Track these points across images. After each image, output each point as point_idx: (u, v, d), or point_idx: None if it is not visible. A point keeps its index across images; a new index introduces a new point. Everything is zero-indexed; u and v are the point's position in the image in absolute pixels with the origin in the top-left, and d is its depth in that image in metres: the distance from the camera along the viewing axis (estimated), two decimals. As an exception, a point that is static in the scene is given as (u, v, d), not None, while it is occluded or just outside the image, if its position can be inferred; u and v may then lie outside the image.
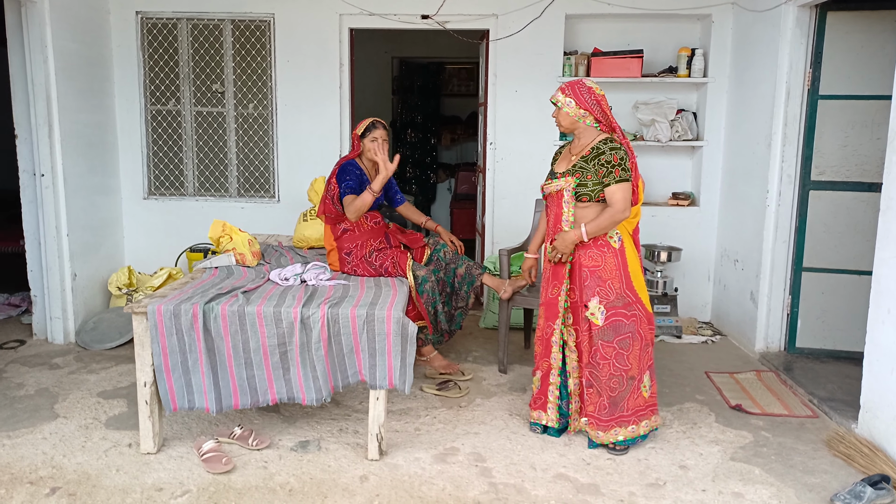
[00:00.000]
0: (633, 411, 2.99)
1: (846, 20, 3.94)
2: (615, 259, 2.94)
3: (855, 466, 2.94)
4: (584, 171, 2.92)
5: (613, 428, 2.97)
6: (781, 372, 3.99)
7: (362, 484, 2.78)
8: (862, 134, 4.02)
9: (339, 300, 3.04)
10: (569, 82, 2.99)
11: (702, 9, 4.79)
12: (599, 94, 2.95)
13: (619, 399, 2.96)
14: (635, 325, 2.95)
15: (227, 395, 2.93)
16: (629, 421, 2.98)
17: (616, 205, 2.88)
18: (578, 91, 2.94)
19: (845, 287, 4.11)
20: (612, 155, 2.88)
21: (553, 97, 3.01)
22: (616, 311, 2.92)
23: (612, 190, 2.89)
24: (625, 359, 2.94)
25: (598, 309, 2.92)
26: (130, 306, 2.90)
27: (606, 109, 2.96)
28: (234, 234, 3.75)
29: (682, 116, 4.99)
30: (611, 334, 2.93)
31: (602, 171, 2.88)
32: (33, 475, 2.81)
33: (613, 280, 2.93)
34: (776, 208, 4.18)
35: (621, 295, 2.93)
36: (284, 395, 2.94)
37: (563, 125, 3.01)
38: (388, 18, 4.88)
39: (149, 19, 4.97)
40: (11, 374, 3.89)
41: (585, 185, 2.92)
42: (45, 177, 4.26)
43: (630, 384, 2.96)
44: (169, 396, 2.90)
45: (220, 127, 5.11)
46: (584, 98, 2.93)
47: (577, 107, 2.94)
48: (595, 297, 2.93)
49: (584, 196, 2.92)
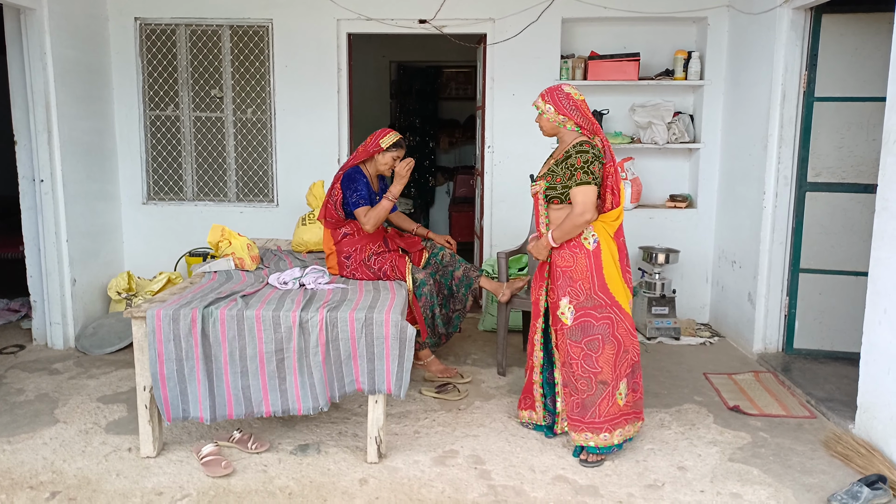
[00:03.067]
0: (606, 419, 2.93)
1: (841, 22, 3.96)
2: (587, 260, 2.93)
3: (852, 467, 2.95)
4: (554, 174, 2.96)
5: (584, 432, 2.94)
6: (779, 373, 4.00)
7: (362, 487, 2.79)
8: (857, 135, 4.04)
9: (338, 304, 3.05)
10: (548, 89, 3.02)
11: (697, 12, 4.82)
12: (579, 98, 2.97)
13: (590, 403, 2.93)
14: (608, 329, 2.92)
15: (221, 405, 2.92)
16: (601, 428, 2.92)
17: (575, 208, 2.88)
18: (557, 97, 2.97)
19: (842, 288, 4.12)
20: (576, 158, 2.89)
21: (534, 103, 3.06)
22: (585, 311, 2.92)
23: (573, 193, 2.90)
24: (593, 361, 2.91)
25: (567, 308, 2.94)
26: (130, 311, 2.91)
27: (587, 113, 2.98)
28: (233, 238, 3.76)
29: (678, 119, 5.01)
30: (578, 334, 2.93)
31: (567, 173, 2.91)
32: (33, 480, 2.82)
33: (584, 280, 2.92)
34: (773, 210, 4.20)
35: (591, 296, 2.92)
36: (279, 407, 2.92)
37: (544, 130, 3.06)
38: (385, 23, 4.90)
39: (147, 25, 4.99)
40: (11, 379, 3.90)
41: (554, 189, 2.95)
42: (44, 183, 4.28)
43: (601, 389, 2.92)
44: (164, 406, 2.89)
45: (219, 132, 5.13)
46: (563, 104, 2.96)
47: (557, 112, 2.97)
48: (566, 297, 2.94)
49: (555, 199, 2.96)
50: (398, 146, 3.67)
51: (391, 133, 3.69)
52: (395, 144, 3.66)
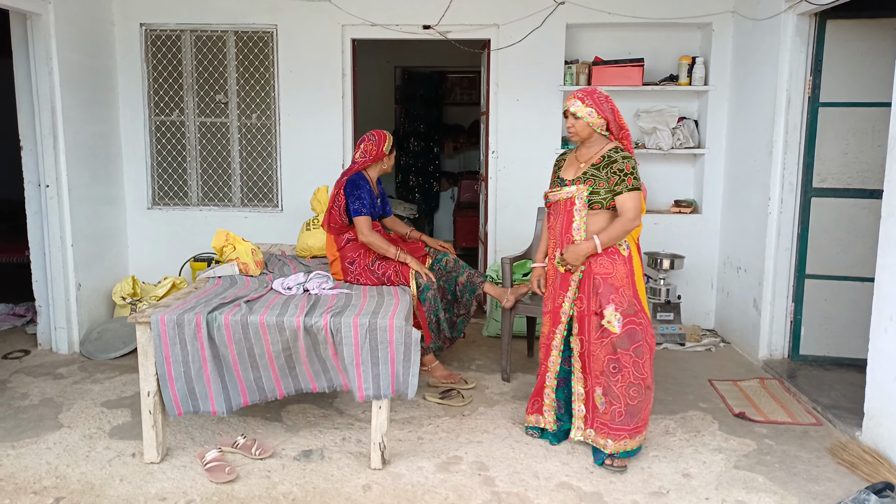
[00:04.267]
0: (645, 422, 2.99)
1: (845, 28, 3.96)
2: (625, 267, 2.94)
3: (859, 474, 2.93)
4: (595, 178, 2.92)
5: (624, 439, 2.93)
6: (785, 379, 3.98)
7: (365, 493, 2.78)
8: (863, 141, 4.02)
9: (342, 309, 3.05)
10: (585, 91, 2.97)
11: (702, 17, 4.81)
12: (612, 102, 2.99)
13: (636, 410, 2.93)
14: (645, 335, 2.94)
15: (235, 395, 2.98)
16: (639, 430, 2.97)
17: (627, 213, 2.88)
18: (598, 100, 2.94)
19: (848, 294, 4.10)
20: (624, 163, 2.89)
21: (571, 107, 2.96)
22: (629, 318, 2.91)
23: (623, 198, 2.89)
24: (641, 367, 2.91)
25: (614, 317, 2.90)
26: (134, 316, 2.91)
27: (620, 118, 2.99)
28: (238, 243, 3.76)
29: (683, 124, 5.00)
30: (627, 342, 2.90)
31: (614, 178, 2.89)
32: (37, 485, 2.82)
33: (625, 287, 2.93)
34: (778, 215, 4.18)
35: (631, 303, 2.93)
36: (292, 389, 3.00)
37: (580, 135, 2.99)
38: (389, 29, 4.91)
39: (153, 31, 5.01)
40: (16, 383, 3.90)
41: (597, 193, 2.92)
42: (49, 187, 4.29)
43: (648, 394, 2.95)
44: (173, 403, 2.94)
45: (224, 137, 5.14)
46: (604, 107, 2.94)
47: (598, 116, 2.93)
48: (611, 305, 2.91)
49: (596, 204, 2.93)
50: (395, 146, 3.89)
51: (388, 136, 3.82)
52: (393, 145, 3.86)
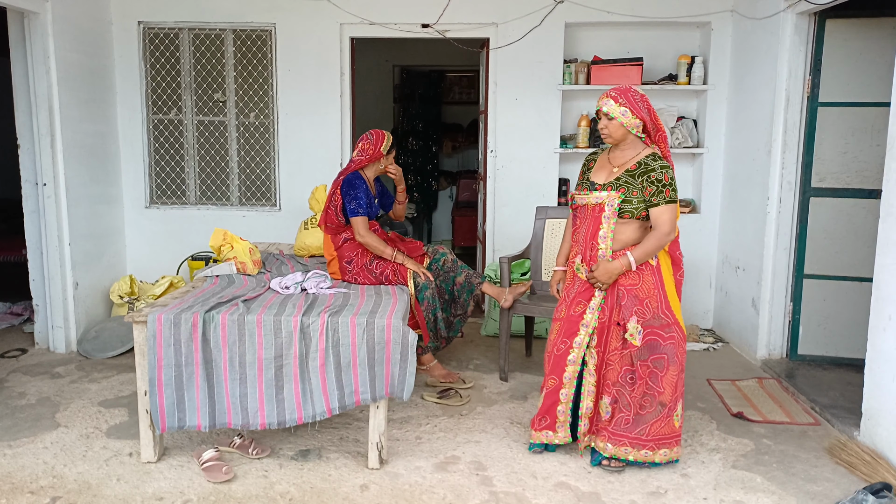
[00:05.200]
0: (653, 438, 2.85)
1: (845, 27, 3.95)
2: (653, 277, 2.82)
3: (857, 474, 2.93)
4: (629, 186, 2.76)
5: (625, 446, 2.85)
6: (783, 379, 3.98)
7: (363, 493, 2.77)
8: (862, 140, 4.02)
9: (340, 308, 3.04)
10: (618, 89, 2.78)
11: (701, 16, 4.80)
12: (649, 101, 2.81)
13: (644, 420, 2.83)
14: (673, 349, 2.81)
15: (221, 412, 2.89)
16: (644, 445, 2.85)
17: (662, 227, 2.75)
18: (633, 99, 2.75)
19: (847, 294, 4.10)
20: (662, 173, 2.74)
21: (604, 107, 2.77)
22: (652, 329, 2.79)
23: (659, 211, 2.75)
24: (658, 380, 2.80)
25: (636, 329, 2.79)
26: (131, 315, 2.90)
27: (657, 119, 2.82)
28: (235, 242, 3.76)
29: (682, 124, 5.00)
30: (646, 353, 2.80)
31: (651, 189, 2.74)
32: (34, 485, 2.81)
33: (651, 299, 2.80)
34: (777, 215, 4.18)
35: (658, 315, 2.80)
36: (275, 419, 2.87)
37: (614, 136, 2.80)
38: (388, 27, 4.90)
39: (151, 29, 5.00)
40: (13, 383, 3.89)
41: (630, 202, 2.76)
42: (47, 186, 4.28)
43: (659, 410, 2.83)
44: (159, 415, 2.85)
45: (222, 136, 5.13)
46: (640, 107, 2.76)
47: (633, 116, 2.75)
48: (633, 317, 2.79)
49: (627, 213, 2.78)
50: (393, 146, 3.85)
51: (386, 136, 3.79)
52: (392, 145, 3.83)
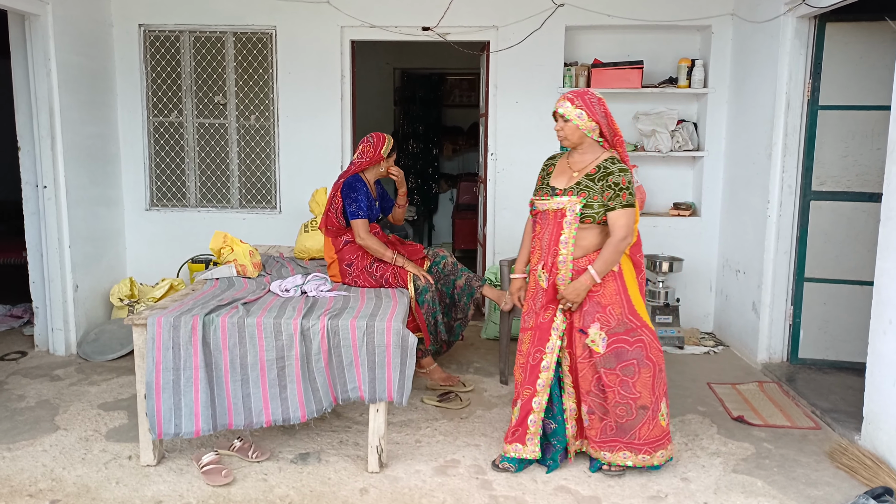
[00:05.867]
0: (647, 441, 2.82)
1: (845, 31, 3.95)
2: (615, 283, 2.78)
3: (858, 479, 2.92)
4: (590, 190, 2.73)
5: (622, 451, 2.83)
6: (784, 383, 3.97)
7: (362, 497, 2.77)
8: (862, 144, 4.02)
9: (340, 311, 3.04)
10: (576, 92, 2.77)
11: (701, 20, 4.81)
12: (605, 105, 2.78)
13: (629, 426, 2.80)
14: (642, 352, 2.78)
15: (222, 414, 2.89)
16: (641, 450, 2.82)
17: (618, 232, 2.70)
18: (589, 102, 2.72)
19: (847, 297, 4.10)
20: (620, 177, 2.70)
21: (560, 108, 2.75)
22: (618, 337, 2.76)
23: (616, 215, 2.71)
24: (630, 386, 2.77)
25: (598, 336, 2.76)
26: (131, 318, 2.90)
27: (613, 123, 2.79)
28: (236, 245, 3.76)
29: (682, 127, 5.00)
30: (612, 361, 2.76)
31: (609, 193, 2.70)
32: (33, 488, 2.80)
33: (614, 306, 2.76)
34: (777, 218, 4.18)
35: (623, 321, 2.77)
36: (279, 416, 2.88)
37: (570, 139, 2.77)
38: (388, 30, 4.91)
39: (151, 32, 5.00)
40: (12, 385, 3.89)
41: (591, 207, 2.73)
42: (47, 188, 4.28)
43: (642, 414, 2.79)
44: (156, 420, 2.84)
45: (222, 138, 5.14)
46: (596, 109, 2.73)
47: (589, 119, 2.72)
48: (595, 324, 2.76)
49: (588, 218, 2.74)
50: (394, 149, 3.84)
51: (386, 139, 3.78)
52: (393, 148, 3.82)
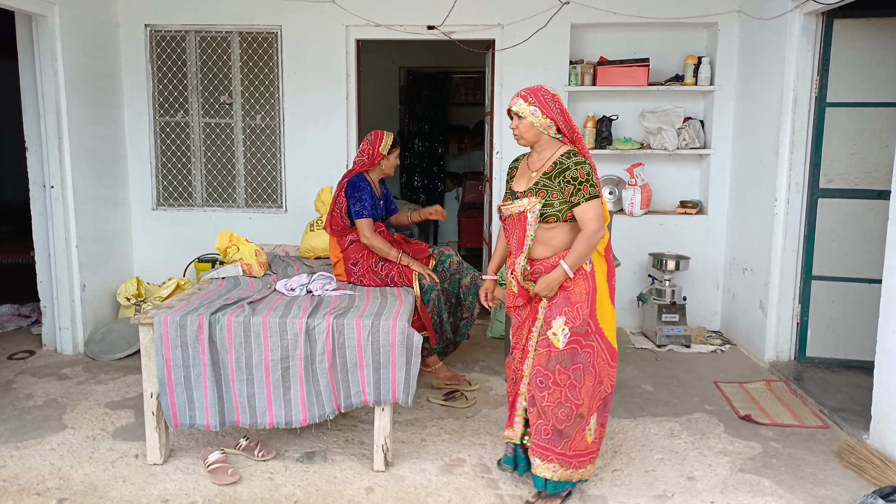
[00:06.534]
0: (576, 454, 2.66)
1: (853, 27, 3.92)
2: (585, 282, 2.64)
3: (866, 478, 2.90)
4: (548, 189, 2.60)
5: (553, 462, 2.63)
6: (791, 381, 3.95)
7: (368, 495, 2.77)
8: (870, 141, 3.99)
9: (345, 310, 3.04)
10: (529, 89, 2.64)
11: (708, 17, 4.78)
12: (560, 100, 2.65)
13: (567, 433, 2.63)
14: (589, 358, 2.63)
15: (230, 410, 2.91)
16: (570, 463, 2.65)
17: (589, 225, 2.57)
18: (543, 98, 2.61)
19: (855, 295, 4.07)
20: (577, 170, 2.56)
21: (514, 106, 2.63)
22: (577, 337, 2.62)
23: (583, 209, 2.57)
24: (577, 391, 2.61)
25: (561, 330, 2.61)
26: (137, 317, 2.91)
27: (569, 119, 2.65)
28: (241, 244, 3.76)
29: (689, 124, 4.97)
30: (568, 361, 2.61)
31: (569, 188, 2.57)
32: (40, 486, 2.82)
33: (582, 304, 2.62)
34: (785, 216, 4.15)
35: (585, 322, 2.63)
36: (283, 418, 2.90)
37: (525, 138, 2.66)
38: (394, 29, 4.90)
39: (157, 32, 5.02)
40: (21, 384, 3.91)
41: (552, 206, 2.60)
42: (54, 188, 4.30)
43: (578, 422, 2.64)
44: (171, 412, 2.89)
45: (228, 138, 5.15)
46: (550, 106, 2.60)
47: (544, 116, 2.60)
48: (561, 317, 2.62)
49: (551, 217, 2.61)
50: (395, 145, 3.79)
51: (385, 135, 3.75)
52: (393, 145, 3.77)
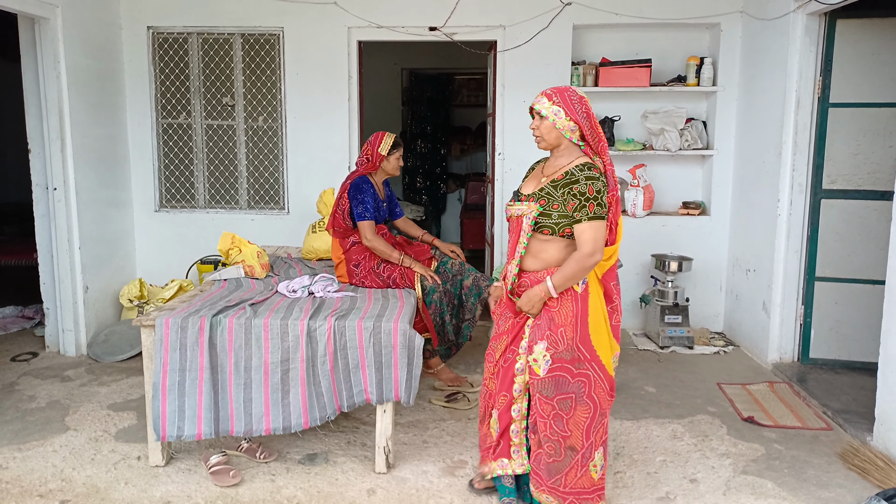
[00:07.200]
0: (575, 492, 2.47)
1: (856, 28, 3.91)
2: (574, 304, 2.43)
3: (870, 480, 2.89)
4: (550, 198, 2.39)
5: (546, 493, 2.50)
6: (795, 383, 3.93)
7: (370, 497, 2.77)
8: (874, 142, 3.98)
9: (346, 312, 3.04)
10: (555, 88, 2.44)
11: (710, 17, 4.78)
12: (589, 105, 2.45)
13: (555, 469, 2.47)
14: (583, 388, 2.44)
15: (224, 419, 2.87)
16: (566, 499, 2.48)
17: (584, 246, 2.35)
18: (569, 99, 2.40)
19: (859, 296, 4.06)
20: (587, 185, 2.34)
21: (536, 104, 2.44)
22: (562, 364, 2.42)
23: (582, 228, 2.36)
24: (564, 423, 2.44)
25: (542, 356, 2.44)
26: (139, 319, 2.91)
27: (596, 125, 2.44)
28: (243, 246, 3.77)
29: (691, 125, 4.96)
30: (551, 390, 2.44)
31: (573, 202, 2.36)
32: (43, 488, 2.82)
33: (567, 328, 2.42)
34: (787, 217, 4.14)
35: (571, 348, 2.42)
36: (280, 424, 2.86)
37: (546, 139, 2.46)
38: (396, 31, 4.90)
39: (160, 34, 5.03)
40: (24, 386, 3.92)
41: (549, 216, 2.39)
42: (57, 190, 4.31)
43: (570, 456, 2.45)
44: (160, 422, 2.83)
45: (231, 140, 5.15)
46: (576, 108, 2.40)
47: (567, 118, 2.40)
48: (543, 342, 2.45)
49: (546, 228, 2.40)
50: (396, 146, 3.74)
51: (385, 136, 3.73)
52: (394, 146, 3.73)
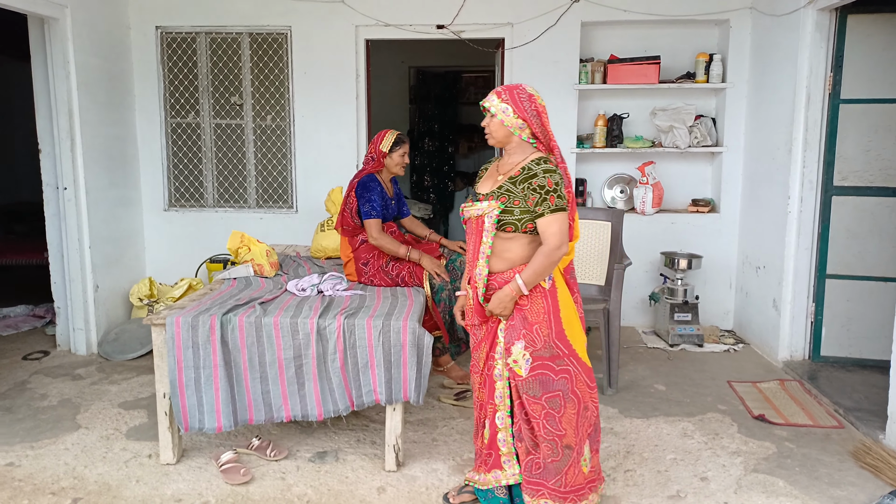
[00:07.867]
0: (572, 489, 2.49)
1: (867, 23, 3.88)
2: (544, 301, 2.44)
3: (882, 479, 2.87)
4: (510, 194, 2.41)
5: (545, 498, 2.48)
6: (806, 381, 3.91)
7: (380, 495, 2.77)
8: (886, 138, 3.95)
9: (356, 311, 3.04)
10: (506, 86, 2.47)
11: (720, 14, 4.75)
12: (541, 103, 2.45)
13: (555, 469, 2.47)
14: (567, 384, 2.45)
15: (242, 409, 2.93)
16: (565, 498, 2.48)
17: (550, 240, 2.36)
18: (518, 97, 2.42)
19: (870, 294, 4.03)
20: (545, 178, 2.36)
21: (486, 102, 2.48)
22: (542, 362, 2.43)
23: (546, 222, 2.37)
24: (556, 421, 2.44)
25: (521, 356, 2.44)
26: (150, 318, 2.93)
27: (546, 123, 2.46)
28: (253, 245, 3.77)
29: (700, 122, 4.94)
30: (537, 389, 2.44)
31: (534, 196, 2.37)
32: (55, 486, 2.84)
33: (541, 325, 2.43)
34: (798, 214, 4.12)
35: (549, 344, 2.43)
36: (299, 411, 2.92)
37: (495, 137, 2.48)
38: (403, 29, 4.90)
39: (168, 34, 5.04)
40: (35, 384, 3.94)
41: (511, 213, 2.40)
42: (67, 190, 4.33)
43: (567, 455, 2.47)
44: (182, 415, 2.89)
45: (239, 139, 5.16)
46: (524, 106, 2.42)
47: (515, 115, 2.42)
48: (520, 342, 2.44)
49: (509, 226, 2.41)
50: (399, 142, 3.71)
51: (387, 133, 3.72)
52: (396, 142, 3.70)
